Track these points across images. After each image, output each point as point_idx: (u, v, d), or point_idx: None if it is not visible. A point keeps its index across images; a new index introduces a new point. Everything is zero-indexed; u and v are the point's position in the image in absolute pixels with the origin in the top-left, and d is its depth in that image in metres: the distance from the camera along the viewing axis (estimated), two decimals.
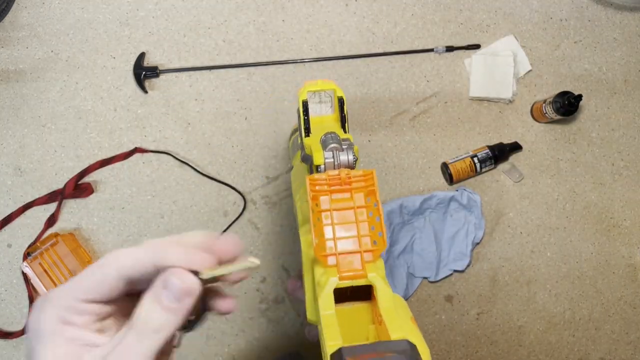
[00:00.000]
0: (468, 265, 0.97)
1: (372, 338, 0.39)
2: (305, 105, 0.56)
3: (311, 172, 0.53)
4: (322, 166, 0.49)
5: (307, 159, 0.54)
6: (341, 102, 0.56)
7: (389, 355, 0.29)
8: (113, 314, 0.27)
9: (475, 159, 0.97)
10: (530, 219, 1.01)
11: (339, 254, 0.41)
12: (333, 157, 0.49)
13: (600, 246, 1.01)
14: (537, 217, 1.01)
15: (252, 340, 0.96)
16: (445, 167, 0.98)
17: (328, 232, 0.42)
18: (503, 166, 1.01)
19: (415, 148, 1.00)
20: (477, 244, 0.99)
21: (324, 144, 0.50)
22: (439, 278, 0.96)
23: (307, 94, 0.56)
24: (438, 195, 0.97)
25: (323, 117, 0.58)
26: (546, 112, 0.96)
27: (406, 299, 0.96)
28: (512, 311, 0.99)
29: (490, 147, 0.98)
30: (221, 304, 0.29)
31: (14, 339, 0.92)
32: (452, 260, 0.97)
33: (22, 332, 0.92)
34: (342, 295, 0.41)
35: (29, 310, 0.92)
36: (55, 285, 0.88)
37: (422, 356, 0.31)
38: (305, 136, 0.55)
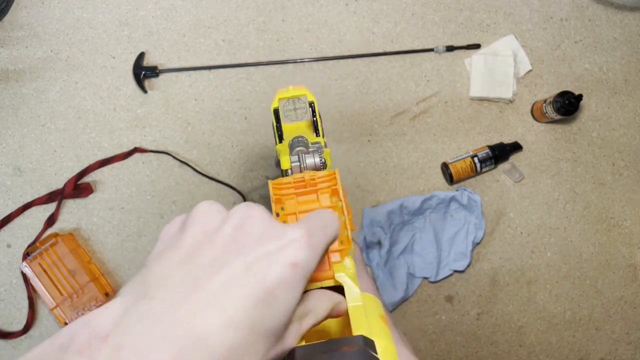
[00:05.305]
0: (468, 266, 0.97)
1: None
2: (276, 112, 0.57)
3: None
4: (290, 170, 0.49)
5: (279, 164, 0.55)
6: (312, 106, 0.56)
7: (342, 350, 0.29)
8: None
9: (476, 159, 0.96)
10: (531, 219, 1.00)
11: None
12: (299, 160, 0.49)
13: (601, 246, 1.01)
14: (538, 217, 1.01)
15: None
16: (445, 167, 0.98)
17: None
18: (503, 166, 1.01)
19: (415, 148, 1.00)
20: (478, 244, 0.98)
21: (291, 148, 0.51)
22: (439, 278, 0.96)
23: (281, 101, 0.57)
24: (438, 195, 0.96)
25: (299, 123, 0.59)
26: (546, 112, 0.96)
27: (406, 299, 0.96)
28: (513, 311, 0.99)
29: (491, 147, 0.98)
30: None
31: (14, 339, 0.92)
32: (453, 260, 0.97)
33: (22, 332, 0.91)
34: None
35: (29, 311, 0.92)
36: (55, 285, 0.88)
37: (386, 354, 0.30)
38: (279, 142, 0.56)
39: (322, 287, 0.40)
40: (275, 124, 0.56)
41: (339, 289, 0.41)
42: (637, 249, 1.02)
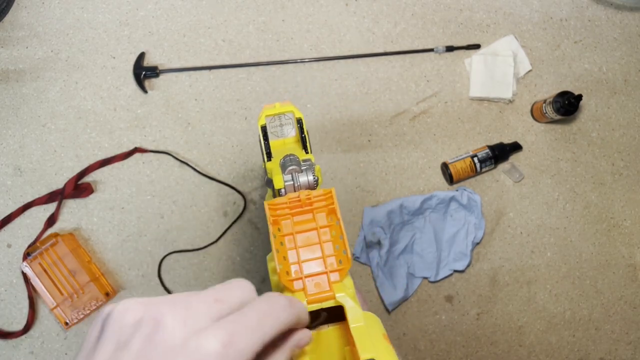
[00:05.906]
0: (468, 265, 0.97)
1: None
2: (264, 130, 0.56)
3: (274, 196, 0.52)
4: (283, 190, 0.49)
5: (269, 183, 0.54)
6: (300, 123, 0.56)
7: None
8: None
9: (476, 159, 0.97)
10: (531, 219, 1.00)
11: (305, 277, 0.41)
12: (292, 179, 0.49)
13: (601, 246, 1.01)
14: (537, 217, 1.01)
15: None
16: (445, 167, 0.98)
17: (292, 256, 0.42)
18: (503, 166, 1.01)
19: (415, 148, 1.00)
20: (477, 244, 0.99)
21: (283, 167, 0.50)
22: (439, 278, 0.96)
23: (267, 118, 0.56)
24: (438, 195, 0.97)
25: (285, 139, 0.58)
26: (546, 112, 0.96)
27: (406, 299, 0.96)
28: (512, 311, 0.99)
29: (491, 147, 0.98)
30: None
31: (14, 339, 0.92)
32: (452, 260, 0.97)
33: (22, 332, 0.91)
34: (319, 317, 0.40)
35: (29, 311, 0.92)
36: (55, 285, 0.88)
37: None
38: (267, 160, 0.55)
39: (322, 309, 0.40)
40: (263, 141, 0.56)
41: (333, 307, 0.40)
42: (637, 249, 1.02)
